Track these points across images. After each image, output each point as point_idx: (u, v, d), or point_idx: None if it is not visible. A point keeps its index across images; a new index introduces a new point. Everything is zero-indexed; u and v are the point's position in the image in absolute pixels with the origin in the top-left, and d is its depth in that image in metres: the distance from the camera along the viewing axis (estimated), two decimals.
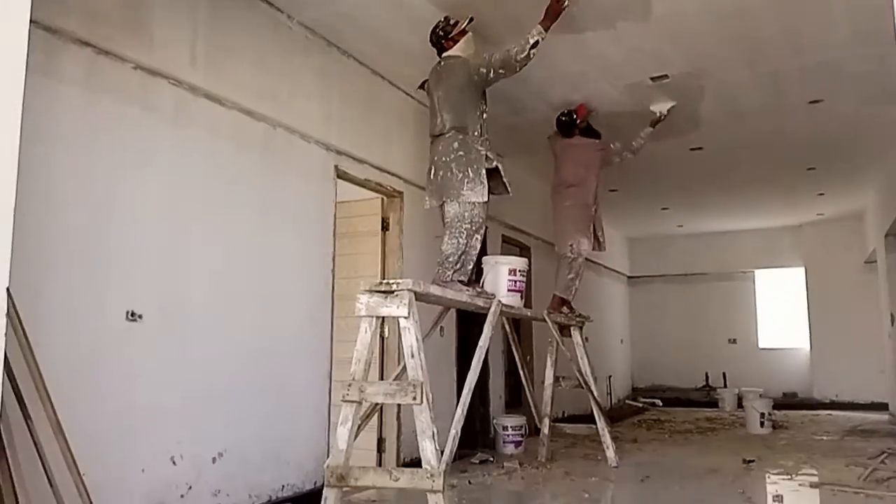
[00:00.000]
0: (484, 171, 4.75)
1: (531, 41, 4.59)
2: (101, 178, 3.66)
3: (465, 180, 4.70)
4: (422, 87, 5.19)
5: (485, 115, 4.87)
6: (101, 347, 3.59)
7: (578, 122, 6.67)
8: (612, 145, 6.82)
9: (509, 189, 4.98)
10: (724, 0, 4.78)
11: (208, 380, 4.18)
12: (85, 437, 3.28)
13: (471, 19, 4.85)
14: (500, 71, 4.71)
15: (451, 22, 4.85)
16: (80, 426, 3.23)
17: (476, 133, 4.79)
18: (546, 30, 4.62)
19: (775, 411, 9.58)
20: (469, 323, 6.52)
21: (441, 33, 4.87)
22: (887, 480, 5.54)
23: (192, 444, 4.03)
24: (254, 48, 4.67)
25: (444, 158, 4.77)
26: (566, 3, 4.54)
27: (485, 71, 4.72)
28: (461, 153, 4.72)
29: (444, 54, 4.92)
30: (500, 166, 4.88)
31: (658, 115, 6.70)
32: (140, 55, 3.88)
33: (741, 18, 5.04)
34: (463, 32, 4.88)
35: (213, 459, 4.17)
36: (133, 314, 3.74)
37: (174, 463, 3.91)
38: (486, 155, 4.79)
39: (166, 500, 3.84)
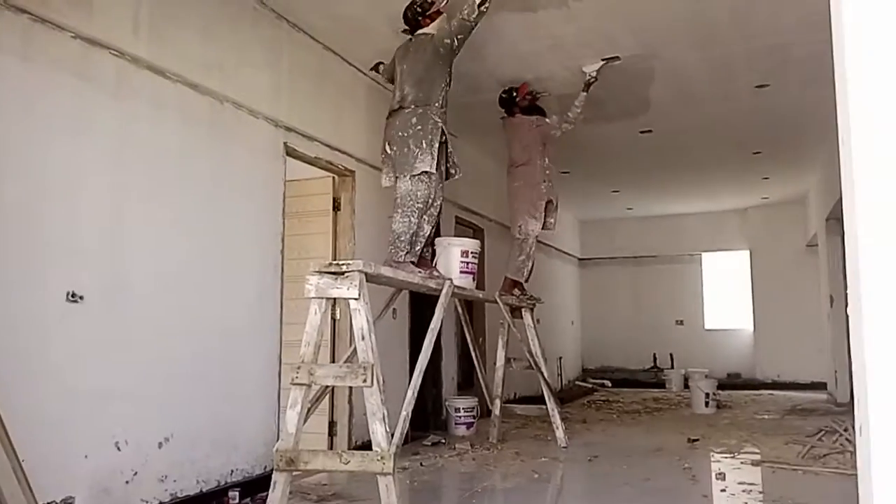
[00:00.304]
0: (437, 144, 4.74)
1: (479, 9, 4.66)
2: (38, 151, 3.49)
3: (419, 153, 4.70)
4: (374, 68, 5.10)
5: (448, 89, 4.91)
6: (41, 329, 3.44)
7: (518, 99, 6.63)
8: (547, 119, 6.68)
9: (456, 171, 4.98)
10: None
11: (154, 362, 4.05)
12: (24, 421, 3.15)
13: (447, 1, 4.87)
14: (460, 36, 4.77)
15: (429, 0, 4.87)
16: (18, 410, 3.10)
17: (437, 105, 4.80)
18: None
19: (719, 391, 9.83)
20: (422, 305, 6.49)
21: (419, 10, 4.88)
22: (824, 457, 5.73)
23: (138, 428, 3.91)
24: (200, 18, 4.50)
25: (400, 133, 4.77)
26: None
27: (448, 41, 4.77)
28: (419, 127, 4.73)
29: (418, 31, 4.91)
30: (449, 143, 4.87)
31: (588, 76, 6.35)
32: (79, 23, 3.70)
33: (691, 0, 5.07)
34: (438, 12, 4.91)
35: (160, 444, 4.06)
36: (74, 295, 3.60)
37: (119, 448, 3.79)
38: (443, 128, 4.80)
39: (111, 486, 3.72)
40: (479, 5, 4.67)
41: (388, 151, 4.86)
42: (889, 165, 1.24)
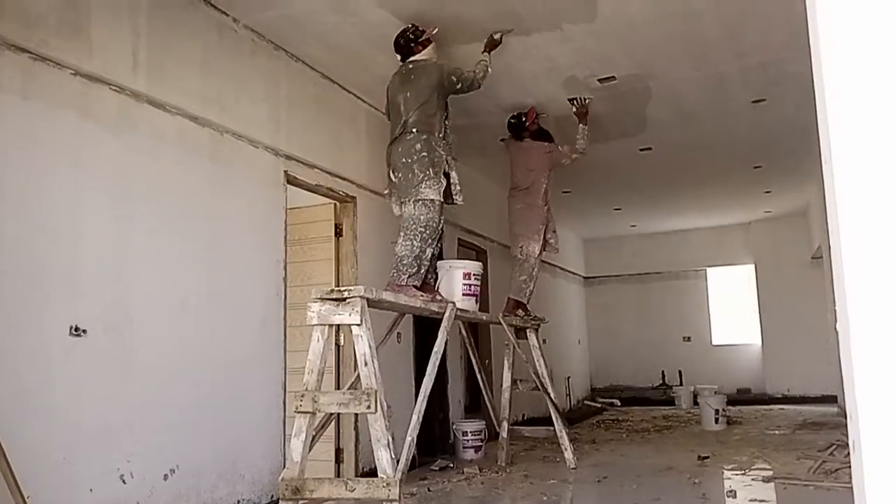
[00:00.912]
0: (442, 173, 4.88)
1: (484, 70, 5.03)
2: (39, 187, 3.53)
3: (425, 179, 4.77)
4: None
5: (448, 121, 5.06)
6: (44, 364, 3.46)
7: (528, 124, 6.71)
8: (559, 147, 6.81)
9: (455, 198, 5.06)
10: (667, 1, 4.84)
11: (158, 394, 4.06)
12: (29, 457, 3.17)
13: (436, 29, 5.02)
14: (459, 86, 4.98)
15: (420, 29, 4.99)
16: (23, 446, 3.12)
17: (440, 135, 4.92)
18: (490, 52, 5.09)
19: (729, 407, 9.75)
20: (427, 328, 6.48)
21: (411, 37, 5.00)
22: (835, 472, 5.66)
23: (143, 460, 3.91)
24: (198, 52, 4.57)
25: (404, 160, 4.83)
26: (501, 38, 5.10)
27: (454, 79, 4.95)
28: (424, 154, 4.80)
29: (412, 58, 5.01)
30: (452, 175, 5.00)
31: (574, 107, 6.57)
32: (79, 61, 3.76)
33: (685, 20, 5.12)
34: (430, 40, 5.04)
35: (165, 476, 4.05)
36: (77, 329, 3.62)
37: (124, 481, 3.78)
38: (447, 159, 4.92)
39: None
40: (483, 76, 5.04)
41: (393, 179, 4.93)
42: (870, 183, 1.26)
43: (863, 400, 1.20)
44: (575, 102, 6.56)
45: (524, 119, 6.69)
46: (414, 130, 4.83)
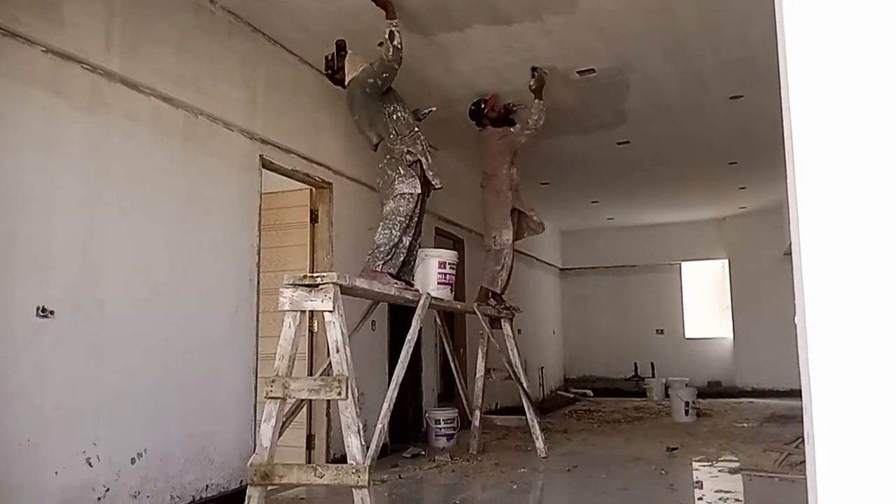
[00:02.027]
0: (411, 166, 5.06)
1: (387, 36, 4.83)
2: (9, 166, 3.47)
3: (397, 177, 5.02)
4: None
5: (395, 116, 5.17)
6: (10, 345, 3.41)
7: (486, 111, 6.68)
8: (511, 129, 6.63)
9: (432, 182, 5.22)
10: None
11: (127, 377, 4.02)
12: None
13: (339, 44, 5.24)
14: (385, 75, 4.99)
15: (330, 57, 5.26)
16: None
17: (392, 135, 5.11)
18: (390, 19, 4.82)
19: (699, 400, 9.88)
20: (402, 316, 6.48)
21: (329, 71, 5.31)
22: (800, 464, 5.77)
23: (110, 443, 3.88)
24: (174, 32, 4.50)
25: (379, 166, 5.16)
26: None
27: (372, 80, 5.02)
28: (388, 157, 5.09)
29: (346, 82, 5.23)
30: (422, 160, 5.13)
31: (532, 79, 6.20)
32: (50, 38, 3.69)
33: (663, 14, 5.14)
34: (342, 58, 5.24)
35: (133, 460, 4.02)
36: (44, 310, 3.57)
37: (90, 464, 3.75)
38: (407, 150, 5.09)
39: (82, 503, 3.68)
40: (391, 42, 4.81)
41: (377, 188, 5.25)
42: (828, 181, 1.28)
43: (817, 392, 1.22)
44: (535, 74, 6.15)
45: (483, 106, 6.67)
46: (376, 145, 5.18)
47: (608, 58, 5.90)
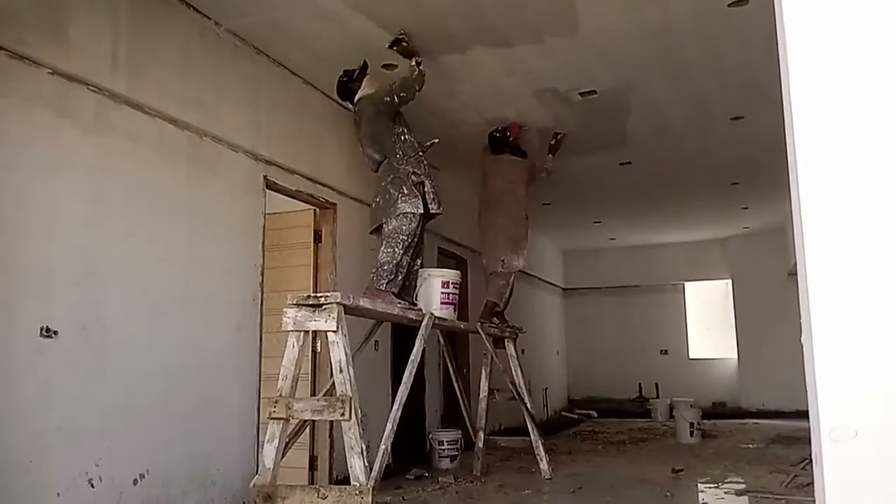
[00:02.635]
0: (415, 185, 5.09)
1: (415, 63, 5.11)
2: (14, 186, 3.48)
3: (401, 196, 5.02)
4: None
5: (403, 137, 5.23)
6: (13, 366, 3.40)
7: (511, 139, 6.77)
8: (536, 165, 7.08)
9: (430, 207, 5.23)
10: (648, 18, 4.90)
11: (130, 397, 4.01)
12: None
13: (365, 63, 5.28)
14: (402, 94, 5.13)
15: (352, 70, 5.29)
16: None
17: (399, 155, 5.15)
18: (413, 56, 5.11)
19: (704, 421, 9.81)
20: (405, 337, 6.45)
21: (345, 79, 5.32)
22: (807, 486, 5.71)
23: (112, 465, 3.86)
24: (179, 54, 4.55)
25: (381, 184, 5.15)
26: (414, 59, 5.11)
27: (388, 99, 5.12)
28: (392, 176, 5.10)
29: (356, 97, 5.29)
30: (426, 182, 5.18)
31: (553, 140, 7.04)
32: (57, 60, 3.73)
33: (665, 37, 5.17)
34: (364, 74, 5.29)
35: (135, 481, 4.00)
36: (48, 330, 3.57)
37: (92, 485, 3.73)
38: (413, 171, 5.12)
39: None
40: (419, 67, 5.08)
41: (374, 205, 5.27)
42: (833, 201, 1.28)
43: (825, 413, 1.21)
44: (556, 136, 7.00)
45: (508, 133, 6.76)
46: (379, 163, 5.20)
47: (609, 79, 5.94)
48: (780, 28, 1.48)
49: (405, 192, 5.05)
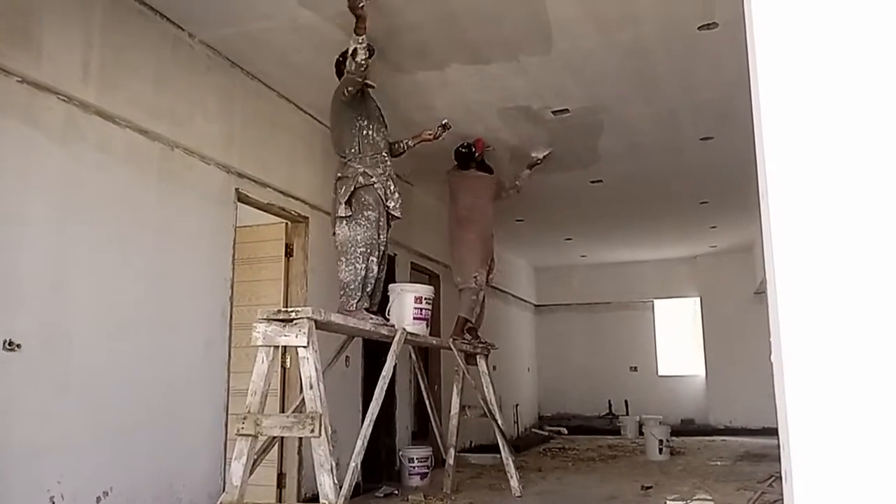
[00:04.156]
0: (352, 189, 4.86)
1: (350, 53, 4.64)
2: None
3: (341, 200, 4.87)
4: None
5: (366, 133, 5.01)
6: None
7: (476, 155, 6.82)
8: (502, 180, 7.12)
9: (393, 213, 5.06)
10: (621, 38, 4.97)
11: (94, 412, 3.93)
12: None
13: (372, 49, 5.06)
14: (349, 88, 4.85)
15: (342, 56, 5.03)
16: None
17: (353, 150, 4.95)
18: (358, 33, 4.50)
19: (673, 438, 9.88)
20: (377, 352, 6.42)
21: (341, 59, 5.00)
22: (774, 503, 5.77)
23: (75, 481, 3.76)
24: (151, 65, 4.50)
25: (334, 182, 5.03)
26: (361, 3, 4.34)
27: (342, 90, 4.91)
28: (339, 174, 4.98)
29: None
30: (377, 185, 4.94)
31: (535, 158, 7.13)
32: (27, 68, 3.67)
33: (637, 56, 5.25)
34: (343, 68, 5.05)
35: (98, 499, 3.91)
36: (10, 343, 3.49)
37: (54, 503, 3.64)
38: (363, 171, 4.91)
39: None
40: (355, 57, 4.63)
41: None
42: (803, 220, 1.30)
43: (794, 430, 1.23)
44: (536, 160, 7.14)
45: (473, 149, 6.80)
46: (338, 156, 5.07)
47: (582, 98, 6.01)
48: (750, 49, 1.51)
49: (341, 193, 4.88)
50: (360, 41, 4.52)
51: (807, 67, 1.40)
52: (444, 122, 5.71)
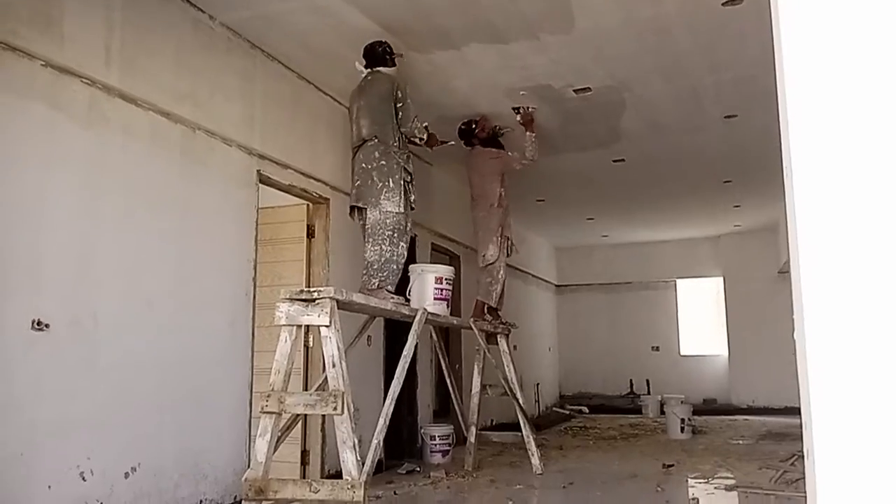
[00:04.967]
0: (402, 182, 4.98)
1: (419, 135, 5.22)
2: (5, 179, 3.47)
3: (385, 190, 4.92)
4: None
5: (401, 130, 5.13)
6: (4, 358, 3.39)
7: (477, 132, 6.76)
8: (509, 153, 6.84)
9: (413, 205, 5.16)
10: (642, 15, 4.90)
11: (122, 391, 4.01)
12: None
13: (402, 55, 5.24)
14: (400, 115, 5.10)
15: (393, 48, 5.14)
16: None
17: (395, 143, 5.04)
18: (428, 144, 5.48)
19: (695, 417, 9.86)
20: (398, 332, 6.47)
21: (380, 50, 5.10)
22: (796, 482, 5.75)
23: (104, 458, 3.85)
24: (173, 48, 4.53)
25: (363, 165, 4.98)
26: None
27: (401, 95, 5.07)
28: (382, 162, 4.96)
29: (375, 69, 5.13)
30: (412, 181, 5.13)
31: (518, 114, 6.61)
32: (50, 52, 3.71)
33: (659, 34, 5.18)
34: (399, 56, 5.20)
35: (126, 474, 3.99)
36: (40, 323, 3.56)
37: (84, 479, 3.73)
38: (405, 167, 5.04)
39: None
40: (418, 138, 5.21)
41: (353, 185, 5.08)
42: (827, 198, 1.29)
43: (817, 409, 1.23)
44: (520, 111, 6.58)
45: (474, 126, 6.75)
46: (373, 138, 5.00)
47: (604, 76, 5.95)
48: (775, 26, 1.49)
49: (390, 185, 4.94)
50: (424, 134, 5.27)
51: (833, 43, 1.38)
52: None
